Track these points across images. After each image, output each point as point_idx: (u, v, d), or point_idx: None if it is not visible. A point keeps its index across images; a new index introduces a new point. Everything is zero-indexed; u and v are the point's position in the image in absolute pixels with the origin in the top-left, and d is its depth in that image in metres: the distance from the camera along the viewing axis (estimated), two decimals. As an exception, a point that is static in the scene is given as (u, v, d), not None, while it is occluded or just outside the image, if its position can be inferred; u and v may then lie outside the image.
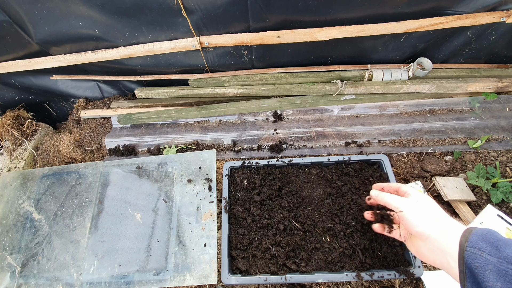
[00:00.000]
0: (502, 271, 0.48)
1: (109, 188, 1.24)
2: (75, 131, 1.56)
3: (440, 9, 1.16)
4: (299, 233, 1.00)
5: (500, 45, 1.33)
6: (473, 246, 0.53)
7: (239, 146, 1.37)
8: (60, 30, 1.22)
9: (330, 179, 1.11)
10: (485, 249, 0.51)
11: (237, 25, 1.21)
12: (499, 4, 1.14)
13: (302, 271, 0.93)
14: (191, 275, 1.01)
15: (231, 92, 1.45)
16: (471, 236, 0.54)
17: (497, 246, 0.51)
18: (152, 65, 1.42)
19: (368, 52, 1.39)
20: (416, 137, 1.30)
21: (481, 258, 0.51)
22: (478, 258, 0.51)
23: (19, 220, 1.24)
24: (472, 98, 1.38)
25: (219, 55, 1.37)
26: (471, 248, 0.53)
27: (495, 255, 0.50)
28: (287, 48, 1.32)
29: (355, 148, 1.30)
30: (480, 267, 0.50)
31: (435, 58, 1.41)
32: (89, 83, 1.61)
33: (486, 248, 0.51)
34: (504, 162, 1.19)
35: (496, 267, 0.48)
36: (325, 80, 1.41)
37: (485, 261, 0.50)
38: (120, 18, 1.17)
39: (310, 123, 1.40)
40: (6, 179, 1.37)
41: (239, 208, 1.06)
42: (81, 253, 1.11)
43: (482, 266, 0.50)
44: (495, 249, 0.50)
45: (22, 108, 1.62)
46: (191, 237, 1.07)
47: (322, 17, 1.18)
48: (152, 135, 1.44)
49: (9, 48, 1.33)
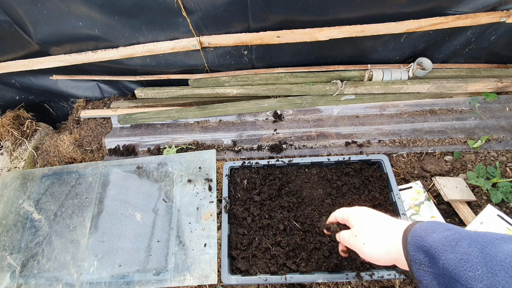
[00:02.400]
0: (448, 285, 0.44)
1: (109, 188, 1.24)
2: (75, 131, 1.56)
3: (440, 9, 1.16)
4: (299, 233, 1.00)
5: (500, 45, 1.33)
6: (414, 261, 0.49)
7: (239, 146, 1.37)
8: (60, 30, 1.22)
9: (330, 179, 1.11)
10: (423, 261, 0.48)
11: (237, 25, 1.21)
12: (499, 4, 1.14)
13: (302, 271, 0.93)
14: (191, 275, 1.01)
15: (231, 92, 1.45)
16: (409, 248, 0.50)
17: (431, 254, 0.46)
18: (152, 65, 1.42)
19: (368, 52, 1.39)
20: (416, 137, 1.30)
21: (425, 274, 0.47)
22: (423, 274, 0.47)
23: (19, 220, 1.24)
24: (472, 98, 1.38)
25: (219, 55, 1.37)
26: (413, 263, 0.49)
27: (433, 266, 0.46)
28: (287, 48, 1.32)
29: (355, 148, 1.30)
30: (428, 284, 0.47)
31: (435, 58, 1.41)
32: (89, 83, 1.61)
33: (424, 260, 0.47)
34: (504, 162, 1.19)
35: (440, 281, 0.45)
36: (325, 80, 1.41)
37: (429, 275, 0.46)
38: (120, 18, 1.17)
39: (310, 123, 1.40)
40: (6, 179, 1.37)
41: (239, 208, 1.06)
42: (81, 253, 1.11)
43: (429, 283, 0.47)
44: (431, 259, 0.46)
45: (22, 108, 1.62)
46: (191, 237, 1.07)
47: (322, 17, 1.18)
48: (152, 135, 1.44)
49: (9, 48, 1.33)
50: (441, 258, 0.44)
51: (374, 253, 0.59)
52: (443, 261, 0.44)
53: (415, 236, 0.50)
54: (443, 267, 0.44)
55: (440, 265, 0.44)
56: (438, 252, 0.45)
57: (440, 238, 0.47)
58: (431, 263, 0.46)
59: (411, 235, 0.51)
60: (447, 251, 0.44)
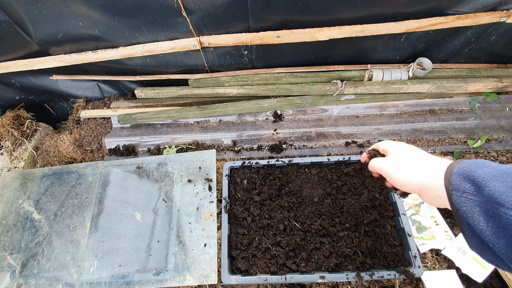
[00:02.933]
0: (489, 211, 0.45)
1: (109, 188, 1.24)
2: (75, 131, 1.56)
3: (440, 9, 1.16)
4: (299, 233, 1.00)
5: (500, 45, 1.33)
6: (456, 189, 0.50)
7: (239, 146, 1.37)
8: (60, 30, 1.22)
9: (330, 179, 1.11)
10: (468, 189, 0.48)
11: (237, 25, 1.21)
12: (499, 4, 1.14)
13: (302, 271, 0.93)
14: (191, 275, 1.01)
15: (231, 92, 1.45)
16: (453, 178, 0.51)
17: (477, 183, 0.47)
18: (152, 65, 1.42)
19: (368, 52, 1.39)
20: (416, 137, 1.30)
21: (466, 201, 0.48)
22: (464, 201, 0.48)
23: (19, 220, 1.24)
24: (472, 98, 1.38)
25: (219, 55, 1.37)
26: (455, 191, 0.50)
27: (478, 194, 0.47)
28: (287, 48, 1.32)
29: (355, 148, 1.30)
30: (468, 210, 0.47)
31: (435, 58, 1.41)
32: (89, 83, 1.61)
33: (470, 189, 0.48)
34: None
35: (482, 207, 0.46)
36: (325, 80, 1.41)
37: (472, 202, 0.47)
38: (120, 18, 1.17)
39: (310, 123, 1.40)
40: (6, 179, 1.37)
41: (239, 208, 1.06)
42: (81, 253, 1.11)
43: (469, 209, 0.47)
44: (477, 187, 0.47)
45: (22, 108, 1.62)
46: (191, 237, 1.07)
47: (322, 17, 1.18)
48: (152, 135, 1.44)
49: (9, 48, 1.33)
50: (488, 185, 0.46)
51: (405, 177, 0.60)
52: (489, 188, 0.45)
53: (462, 168, 0.51)
54: (489, 194, 0.45)
55: (486, 192, 0.46)
56: (486, 181, 0.46)
57: (490, 171, 0.48)
58: (476, 191, 0.47)
59: (459, 167, 0.52)
60: (497, 181, 0.46)
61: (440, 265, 0.99)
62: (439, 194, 0.54)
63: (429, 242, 1.02)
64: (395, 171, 0.63)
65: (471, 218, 0.47)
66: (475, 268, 0.95)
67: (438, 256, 1.01)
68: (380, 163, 0.67)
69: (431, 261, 1.00)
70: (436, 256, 1.01)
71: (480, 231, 0.46)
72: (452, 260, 0.98)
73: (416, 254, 0.92)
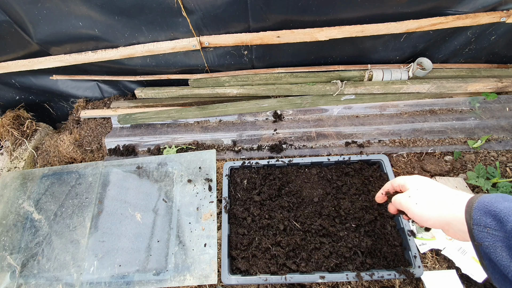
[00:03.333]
0: None
1: (109, 188, 1.24)
2: (75, 131, 1.56)
3: (440, 9, 1.16)
4: (299, 233, 1.00)
5: (500, 45, 1.33)
6: (478, 224, 0.50)
7: (239, 146, 1.37)
8: (60, 30, 1.22)
9: (330, 179, 1.11)
10: (490, 225, 0.48)
11: (237, 25, 1.21)
12: (499, 4, 1.14)
13: (302, 271, 0.93)
14: (191, 275, 1.01)
15: (231, 92, 1.45)
16: (474, 212, 0.51)
17: (499, 218, 0.47)
18: (152, 65, 1.42)
19: (368, 52, 1.39)
20: (416, 137, 1.30)
21: (488, 236, 0.48)
22: (486, 236, 0.48)
23: (19, 220, 1.24)
24: (472, 98, 1.38)
25: (219, 55, 1.37)
26: (476, 226, 0.50)
27: (500, 229, 0.47)
28: (287, 48, 1.32)
29: (355, 148, 1.30)
30: (491, 245, 0.47)
31: (435, 58, 1.41)
32: (89, 83, 1.61)
33: (491, 224, 0.48)
34: (504, 162, 1.19)
35: (505, 242, 0.46)
36: (325, 80, 1.41)
37: (493, 238, 0.47)
38: (120, 18, 1.17)
39: (310, 123, 1.40)
40: (6, 179, 1.37)
41: (239, 208, 1.06)
42: (81, 253, 1.11)
43: (492, 244, 0.47)
44: (499, 223, 0.47)
45: (22, 108, 1.62)
46: (191, 237, 1.07)
47: (322, 17, 1.18)
48: (152, 135, 1.44)
49: (9, 48, 1.33)
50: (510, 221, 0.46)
51: (424, 213, 0.61)
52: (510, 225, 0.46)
53: (483, 203, 0.51)
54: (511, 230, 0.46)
55: (508, 227, 0.46)
56: (508, 216, 0.47)
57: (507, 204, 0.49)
58: (498, 226, 0.48)
59: (479, 201, 0.52)
60: None
61: (440, 265, 0.99)
62: (461, 229, 0.55)
63: (429, 242, 1.02)
64: (414, 207, 0.63)
65: (494, 253, 0.47)
66: (475, 268, 0.95)
67: (438, 256, 1.01)
68: (400, 200, 0.68)
69: (431, 261, 1.00)
70: (436, 256, 1.01)
71: (503, 266, 0.46)
72: (452, 260, 0.98)
73: (416, 254, 0.92)
